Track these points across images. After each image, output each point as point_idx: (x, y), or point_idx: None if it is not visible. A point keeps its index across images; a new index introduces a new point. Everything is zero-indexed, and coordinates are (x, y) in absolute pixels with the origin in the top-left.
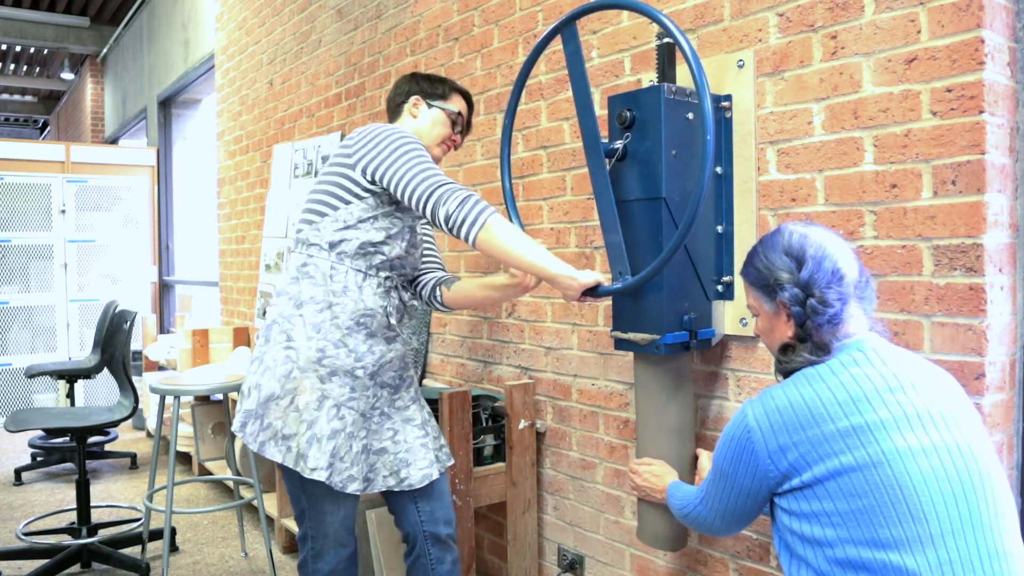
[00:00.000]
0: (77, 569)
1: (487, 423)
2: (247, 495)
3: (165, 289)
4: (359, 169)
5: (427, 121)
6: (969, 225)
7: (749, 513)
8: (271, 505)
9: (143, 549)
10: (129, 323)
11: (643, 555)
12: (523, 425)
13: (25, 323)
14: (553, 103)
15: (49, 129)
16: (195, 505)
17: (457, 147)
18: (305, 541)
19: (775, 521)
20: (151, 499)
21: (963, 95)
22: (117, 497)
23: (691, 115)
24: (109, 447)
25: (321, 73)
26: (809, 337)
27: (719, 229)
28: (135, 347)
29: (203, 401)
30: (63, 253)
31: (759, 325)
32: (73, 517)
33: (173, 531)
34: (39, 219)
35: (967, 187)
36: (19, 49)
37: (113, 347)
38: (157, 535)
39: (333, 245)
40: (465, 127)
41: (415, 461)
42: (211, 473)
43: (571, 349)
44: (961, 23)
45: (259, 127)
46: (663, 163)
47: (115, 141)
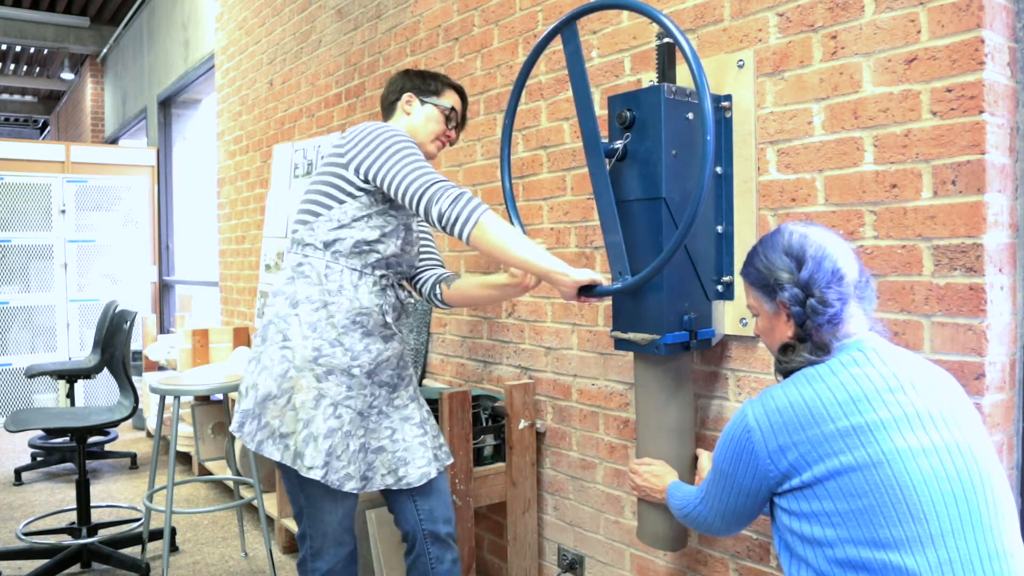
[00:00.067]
0: (77, 569)
1: (487, 423)
2: (247, 495)
3: (165, 289)
4: (352, 168)
5: (420, 118)
6: (969, 225)
7: (749, 513)
8: (271, 505)
9: (143, 549)
10: (129, 323)
11: (643, 555)
12: (523, 425)
13: (25, 323)
14: (553, 103)
15: (49, 129)
16: (195, 505)
17: (453, 142)
18: (304, 540)
19: (775, 521)
20: (151, 499)
21: (963, 95)
22: (117, 497)
23: (691, 115)
24: (109, 447)
25: (321, 73)
26: (809, 337)
27: (719, 229)
28: (135, 347)
29: (203, 401)
30: (63, 253)
31: (759, 325)
32: (73, 517)
33: (173, 531)
34: (39, 219)
35: (967, 187)
36: (19, 49)
37: (113, 347)
38: (157, 535)
39: (328, 245)
40: (460, 122)
41: (413, 460)
42: (211, 473)
43: (571, 349)
44: (961, 23)
45: (259, 127)
46: (663, 163)
47: (115, 141)
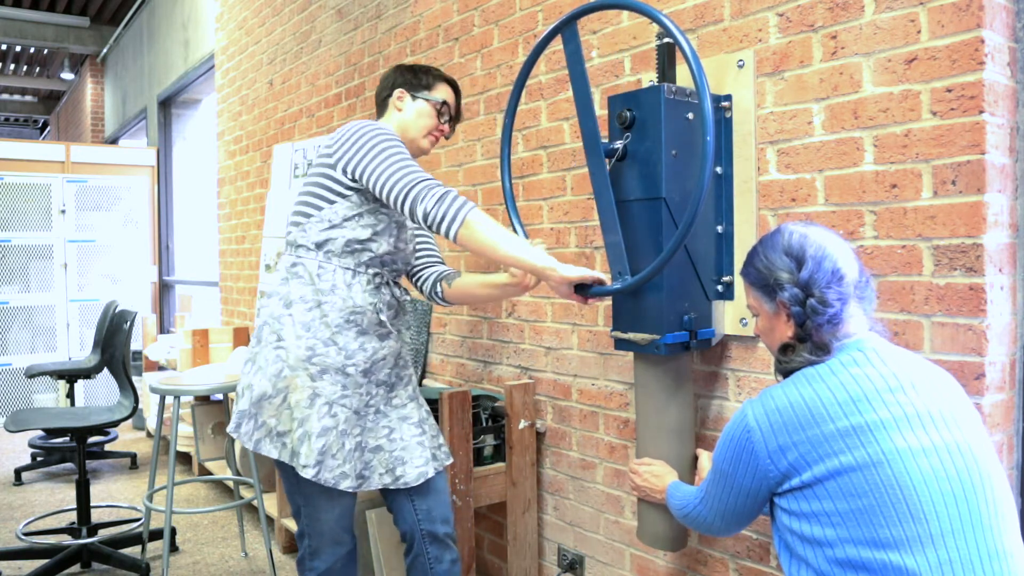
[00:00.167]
0: (77, 569)
1: (487, 423)
2: (247, 495)
3: (165, 289)
4: (340, 168)
5: (412, 113)
6: (969, 225)
7: (749, 513)
8: (271, 505)
9: (143, 549)
10: (129, 323)
11: (643, 555)
12: (523, 425)
13: (25, 323)
14: (553, 103)
15: (49, 129)
16: (195, 505)
17: (448, 136)
18: (302, 538)
19: (775, 521)
20: (151, 499)
21: (963, 95)
22: (117, 497)
23: (691, 115)
24: (109, 447)
25: (321, 73)
26: (809, 337)
27: (719, 229)
28: (135, 347)
29: (203, 401)
30: (63, 253)
31: (759, 325)
32: (73, 517)
33: (173, 531)
34: (39, 219)
35: (967, 187)
36: (19, 49)
37: (113, 347)
38: (157, 535)
39: (320, 245)
40: (454, 116)
41: (411, 459)
42: (211, 473)
43: (571, 349)
44: (961, 23)
45: (259, 127)
46: (663, 163)
47: (115, 141)
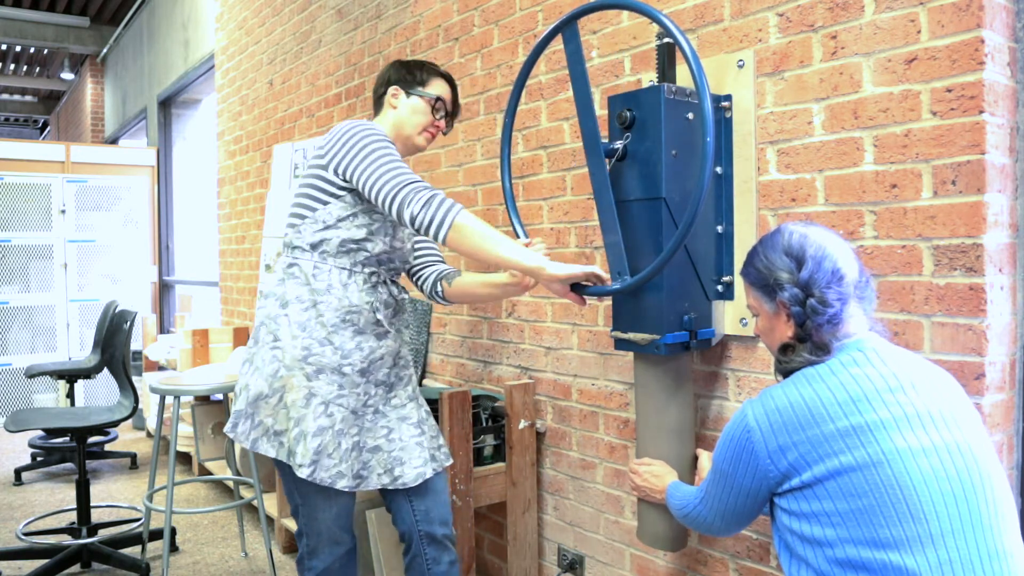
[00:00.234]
0: (77, 569)
1: (487, 423)
2: (247, 495)
3: (165, 289)
4: (331, 169)
5: (406, 111)
6: (969, 225)
7: (749, 513)
8: (271, 505)
9: (143, 549)
10: (129, 323)
11: (643, 555)
12: (523, 425)
13: (25, 323)
14: (553, 103)
15: (49, 129)
16: (195, 505)
17: (445, 132)
18: (301, 537)
19: (775, 521)
20: (151, 499)
21: (963, 95)
22: (117, 497)
23: (691, 115)
24: (109, 447)
25: (321, 73)
26: (809, 337)
27: (719, 229)
28: (135, 347)
29: (203, 401)
30: (63, 253)
31: (759, 325)
32: (73, 517)
33: (173, 531)
34: (39, 219)
35: (967, 187)
36: (19, 49)
37: (113, 347)
38: (157, 535)
39: (315, 246)
40: (450, 111)
41: (409, 460)
42: (211, 473)
43: (571, 349)
44: (961, 23)
45: (259, 127)
46: (663, 163)
47: (115, 141)
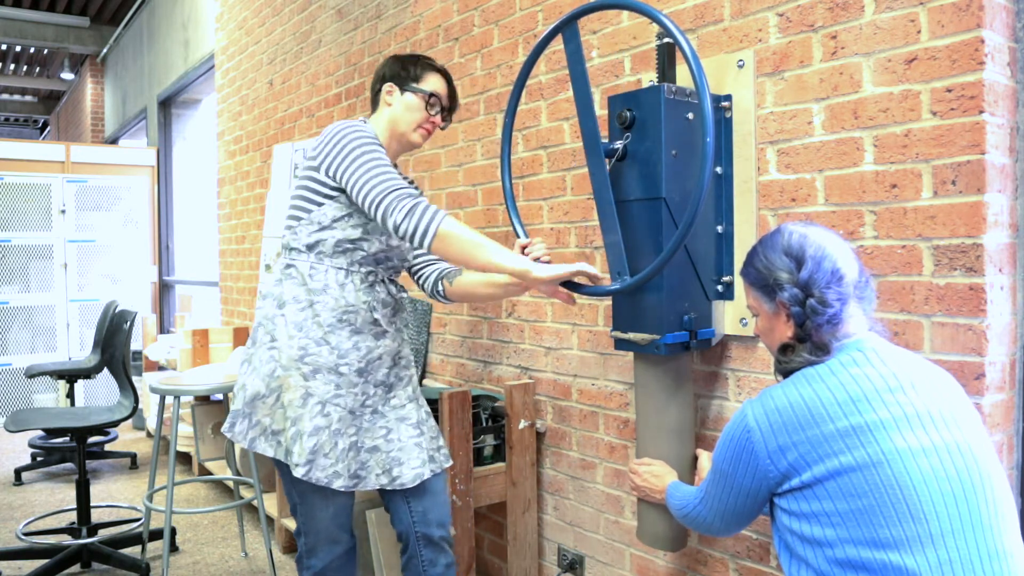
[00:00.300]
0: (77, 569)
1: (487, 423)
2: (247, 495)
3: (165, 289)
4: (323, 171)
5: (400, 108)
6: (969, 225)
7: (748, 513)
8: (271, 505)
9: (143, 549)
10: (129, 323)
11: (643, 555)
12: (523, 425)
13: (25, 323)
14: (553, 103)
15: (49, 129)
16: (195, 505)
17: (443, 127)
18: (300, 536)
19: (775, 521)
20: (151, 499)
21: (963, 95)
22: (117, 497)
23: (691, 115)
24: (109, 447)
25: (321, 73)
26: (809, 337)
27: (719, 229)
28: (135, 347)
29: (203, 401)
30: (63, 253)
31: (759, 325)
32: (73, 517)
33: (173, 531)
34: (39, 219)
35: (967, 187)
36: (19, 49)
37: (113, 347)
38: (157, 535)
39: (311, 247)
40: (447, 106)
41: (408, 460)
42: (211, 473)
43: (571, 349)
44: (961, 23)
45: (259, 127)
46: (663, 163)
47: (115, 141)
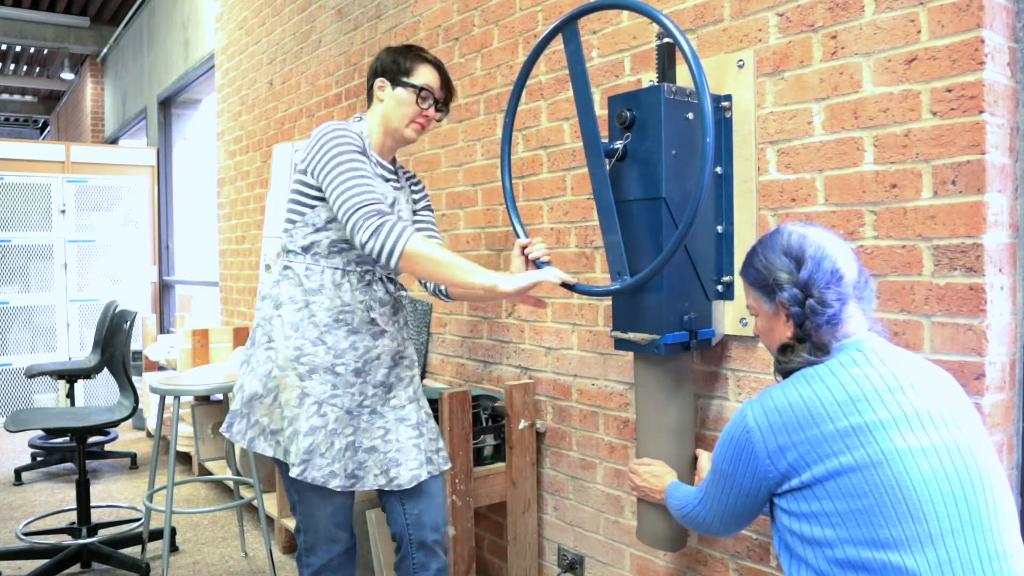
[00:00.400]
0: (77, 569)
1: (487, 423)
2: (247, 495)
3: (165, 289)
4: (309, 174)
5: (392, 103)
6: (969, 225)
7: (748, 514)
8: (271, 505)
9: (143, 549)
10: (129, 323)
11: (643, 555)
12: (523, 425)
13: (25, 323)
14: (553, 103)
15: (49, 129)
16: (195, 505)
17: (439, 120)
18: (299, 534)
19: (775, 521)
20: (151, 499)
21: (963, 95)
22: (117, 497)
23: (691, 115)
24: (109, 447)
25: (321, 73)
26: (808, 337)
27: (719, 229)
28: (135, 347)
29: (203, 401)
30: (63, 253)
31: (758, 325)
32: (73, 517)
33: (173, 531)
34: (39, 219)
35: (967, 187)
36: (19, 49)
37: (113, 347)
38: (157, 535)
39: (307, 248)
40: (441, 99)
41: (405, 461)
42: (211, 473)
43: (571, 349)
44: (961, 23)
45: (259, 127)
46: (663, 163)
47: (115, 141)
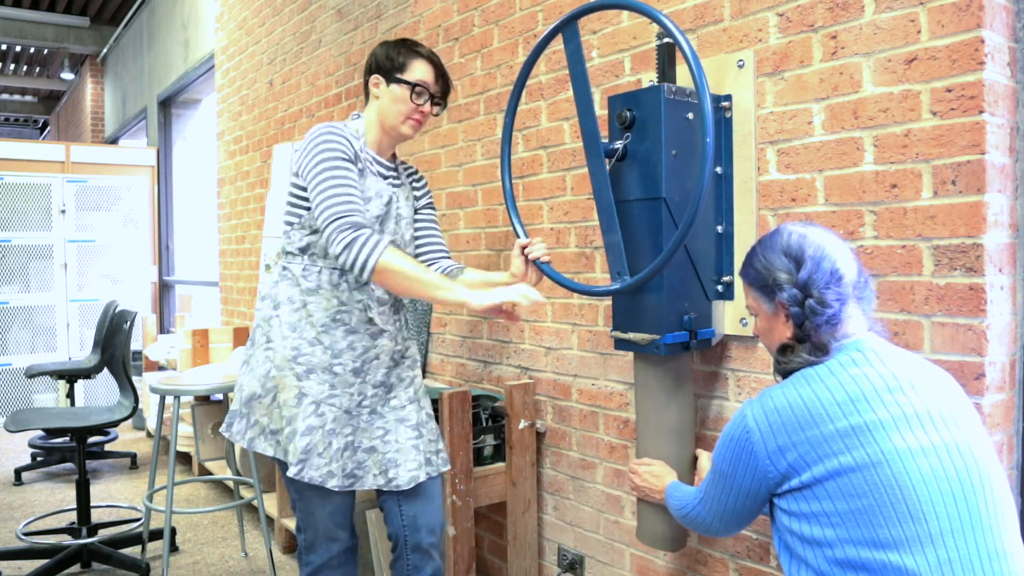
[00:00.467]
0: (77, 569)
1: (487, 423)
2: (247, 495)
3: (165, 289)
4: (301, 177)
5: (387, 100)
6: (969, 225)
7: (748, 514)
8: (271, 505)
9: (143, 549)
10: (129, 323)
11: (643, 555)
12: (523, 425)
13: (25, 323)
14: (553, 103)
15: (49, 129)
16: (195, 505)
17: (436, 114)
18: (299, 532)
19: (775, 522)
20: (151, 499)
21: (963, 95)
22: (117, 497)
23: (691, 115)
24: (109, 447)
25: (321, 73)
26: (808, 337)
27: (719, 229)
28: (135, 347)
29: (203, 401)
30: (63, 253)
31: (758, 325)
32: (73, 517)
33: (173, 531)
34: (39, 219)
35: (967, 187)
36: (19, 49)
37: (113, 347)
38: (157, 535)
39: (304, 249)
40: (437, 93)
41: (404, 462)
42: (211, 473)
43: (571, 349)
44: (961, 23)
45: (259, 127)
46: (663, 163)
47: (115, 141)
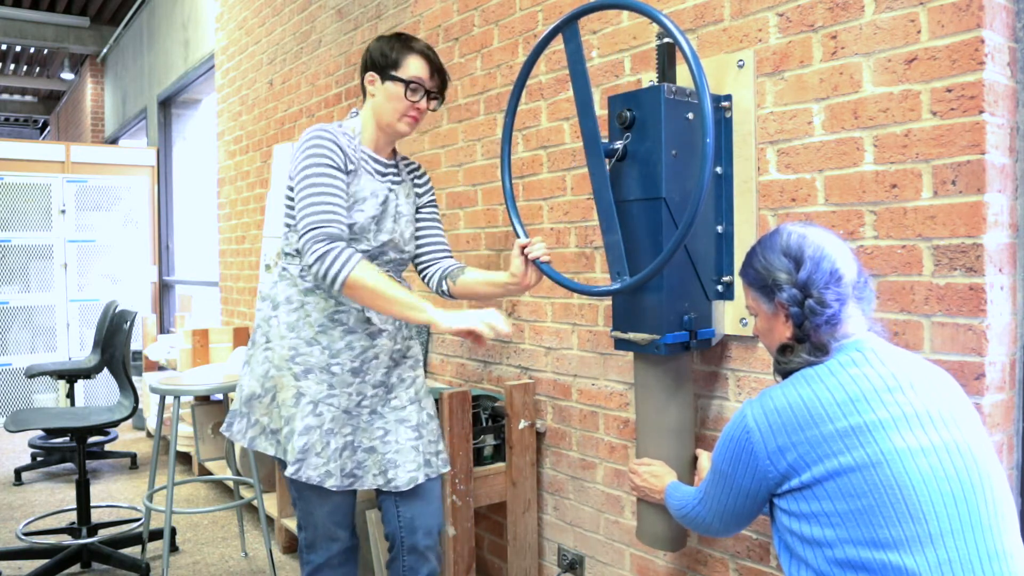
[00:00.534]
0: (77, 569)
1: (487, 423)
2: (247, 495)
3: (165, 289)
4: (292, 180)
5: (382, 97)
6: (969, 225)
7: (748, 514)
8: (271, 505)
9: (143, 549)
10: (129, 323)
11: (643, 555)
12: (523, 425)
13: (25, 323)
14: (553, 103)
15: (49, 129)
16: (195, 505)
17: (433, 109)
18: (300, 531)
19: (775, 522)
20: (151, 499)
21: (963, 95)
22: (117, 497)
23: (691, 115)
24: (109, 447)
25: (321, 73)
26: (807, 337)
27: (719, 229)
28: (135, 347)
29: (203, 401)
30: (63, 253)
31: (758, 325)
32: (73, 517)
33: (173, 531)
34: (39, 219)
35: (967, 187)
36: (19, 49)
37: (113, 347)
38: (157, 535)
39: (301, 251)
40: (434, 89)
41: (403, 463)
42: (211, 473)
43: (571, 349)
44: (961, 23)
45: (259, 127)
46: (663, 163)
47: (115, 141)
